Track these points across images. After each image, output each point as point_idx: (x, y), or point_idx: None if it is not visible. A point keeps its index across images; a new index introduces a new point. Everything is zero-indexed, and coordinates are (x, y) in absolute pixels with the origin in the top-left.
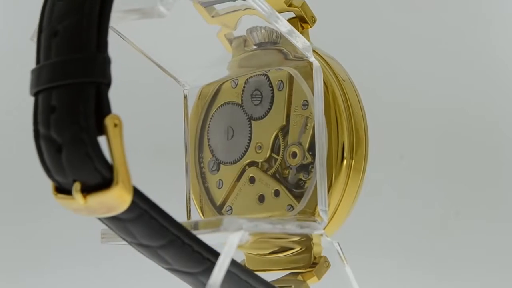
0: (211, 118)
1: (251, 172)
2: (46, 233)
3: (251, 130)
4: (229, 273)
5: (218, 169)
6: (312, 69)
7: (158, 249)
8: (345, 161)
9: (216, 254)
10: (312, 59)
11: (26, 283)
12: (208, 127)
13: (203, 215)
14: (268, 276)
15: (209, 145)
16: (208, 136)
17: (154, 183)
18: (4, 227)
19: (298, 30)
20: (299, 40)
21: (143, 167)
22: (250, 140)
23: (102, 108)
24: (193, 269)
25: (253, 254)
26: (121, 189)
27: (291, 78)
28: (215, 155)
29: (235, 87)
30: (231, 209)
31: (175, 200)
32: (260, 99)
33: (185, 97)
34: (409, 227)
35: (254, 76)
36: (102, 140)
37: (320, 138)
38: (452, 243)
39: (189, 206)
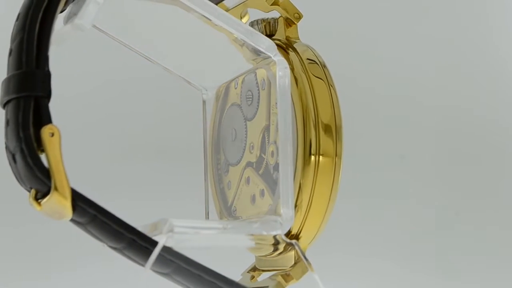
0: (223, 120)
1: (247, 172)
2: (45, 234)
3: (246, 131)
4: (193, 275)
5: (228, 171)
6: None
7: (123, 250)
8: (312, 157)
9: (176, 255)
10: (277, 57)
11: (24, 284)
12: (221, 128)
13: (220, 216)
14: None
15: (222, 146)
16: (221, 137)
17: (178, 185)
18: (3, 228)
19: (286, 28)
20: (261, 41)
21: (166, 170)
22: (246, 141)
23: (41, 119)
24: (163, 270)
25: (261, 255)
26: (59, 195)
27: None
28: (226, 157)
29: (236, 87)
30: (236, 209)
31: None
32: (251, 99)
33: (204, 102)
34: (409, 227)
35: (247, 75)
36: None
37: (282, 136)
38: (452, 243)
39: (207, 209)
